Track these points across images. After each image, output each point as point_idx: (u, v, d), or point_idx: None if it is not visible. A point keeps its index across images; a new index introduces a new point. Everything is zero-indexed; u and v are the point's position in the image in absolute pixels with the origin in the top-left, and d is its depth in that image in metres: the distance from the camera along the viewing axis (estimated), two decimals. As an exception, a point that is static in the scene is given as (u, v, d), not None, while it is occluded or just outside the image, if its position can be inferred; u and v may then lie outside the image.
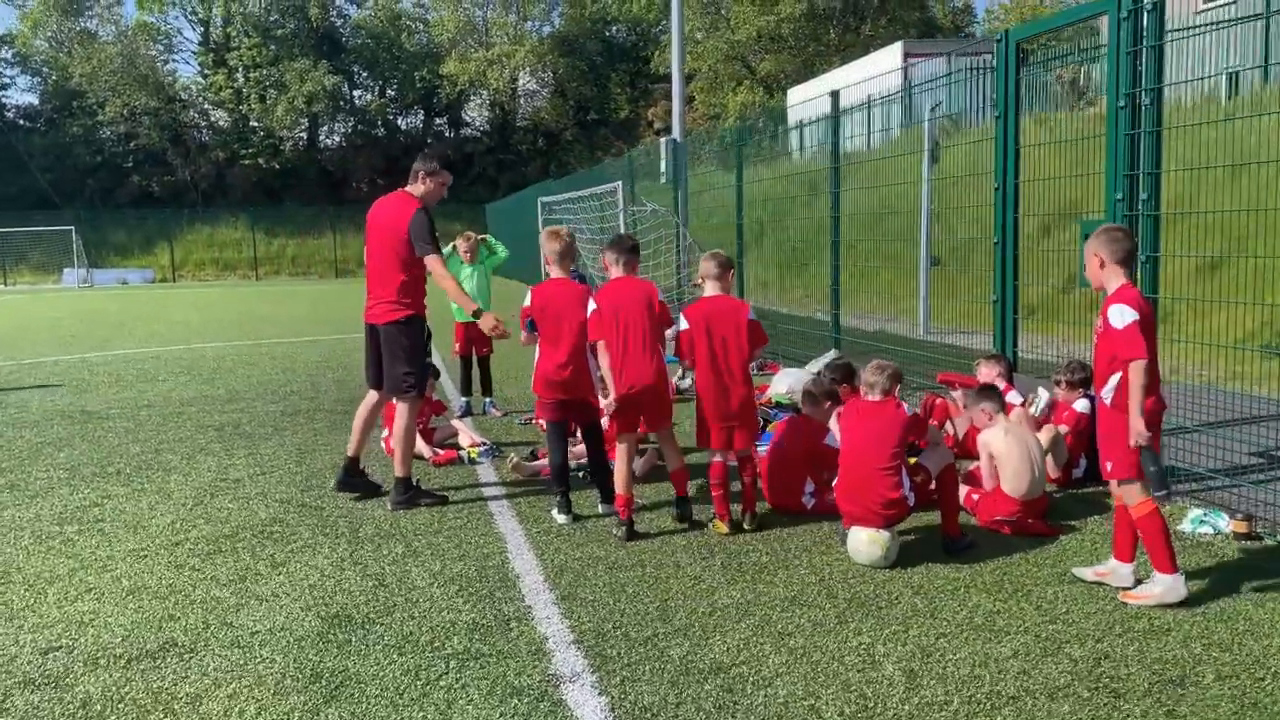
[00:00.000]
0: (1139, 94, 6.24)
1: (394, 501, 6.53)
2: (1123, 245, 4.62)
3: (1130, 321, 4.40)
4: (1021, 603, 4.71)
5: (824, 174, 19.51)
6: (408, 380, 6.49)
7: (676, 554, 5.52)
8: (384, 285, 6.45)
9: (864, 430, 5.26)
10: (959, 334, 13.06)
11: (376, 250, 6.48)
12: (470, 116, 59.42)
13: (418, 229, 6.26)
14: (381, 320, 6.48)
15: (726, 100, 43.83)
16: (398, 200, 6.46)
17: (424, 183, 6.48)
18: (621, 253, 6.02)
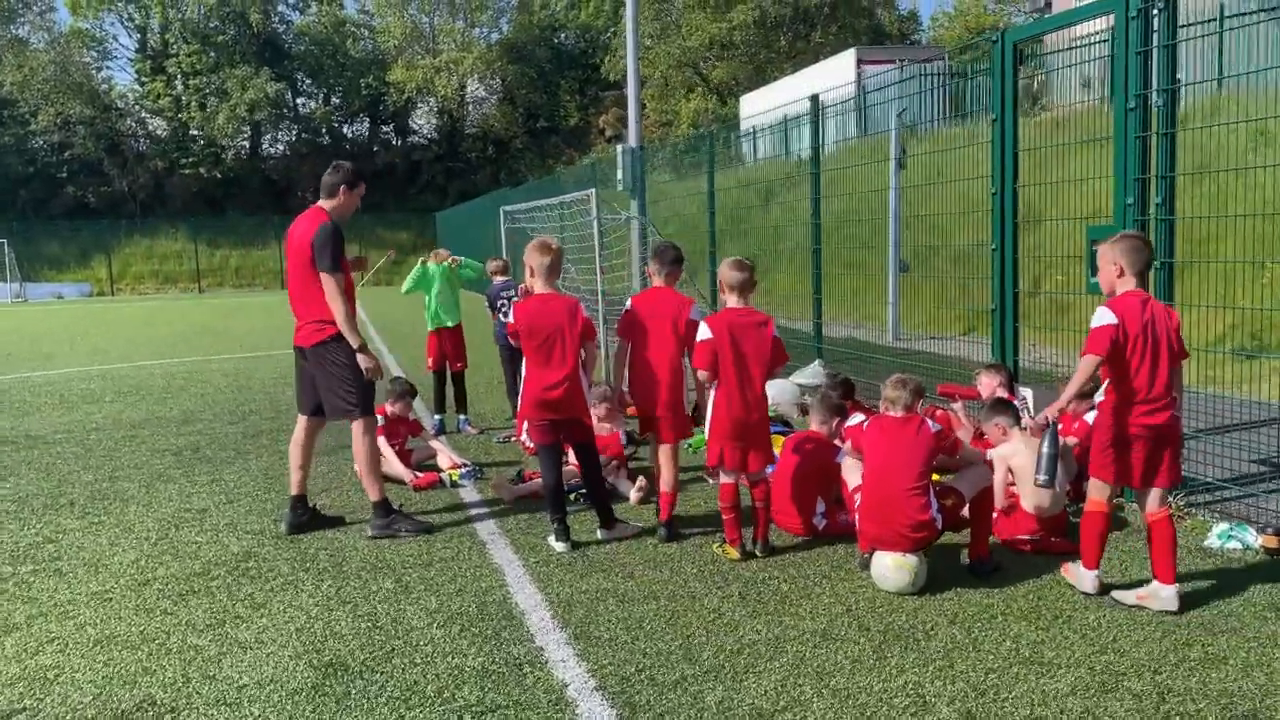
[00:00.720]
0: (1150, 95, 6.05)
1: (374, 528, 6.13)
2: (1144, 255, 4.68)
3: (1104, 323, 4.55)
4: (1065, 630, 4.45)
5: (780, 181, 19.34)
6: (349, 399, 6.07)
7: (690, 583, 5.19)
8: (306, 305, 6.06)
9: (888, 449, 4.97)
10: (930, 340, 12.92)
11: (293, 270, 6.07)
12: (418, 124, 58.66)
13: (320, 242, 5.87)
14: (308, 342, 6.09)
15: (679, 107, 43.68)
16: (308, 216, 6.07)
17: (338, 196, 6.11)
18: (664, 264, 6.11)
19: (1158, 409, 4.58)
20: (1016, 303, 7.44)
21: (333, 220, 6.02)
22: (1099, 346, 4.53)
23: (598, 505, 5.98)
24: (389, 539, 6.06)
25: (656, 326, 5.93)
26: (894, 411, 5.09)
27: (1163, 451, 4.62)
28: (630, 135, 29.47)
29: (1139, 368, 4.56)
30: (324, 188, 6.15)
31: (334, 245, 5.90)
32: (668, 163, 25.85)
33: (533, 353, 5.78)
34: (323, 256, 5.87)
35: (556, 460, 5.88)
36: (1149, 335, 4.56)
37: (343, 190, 6.14)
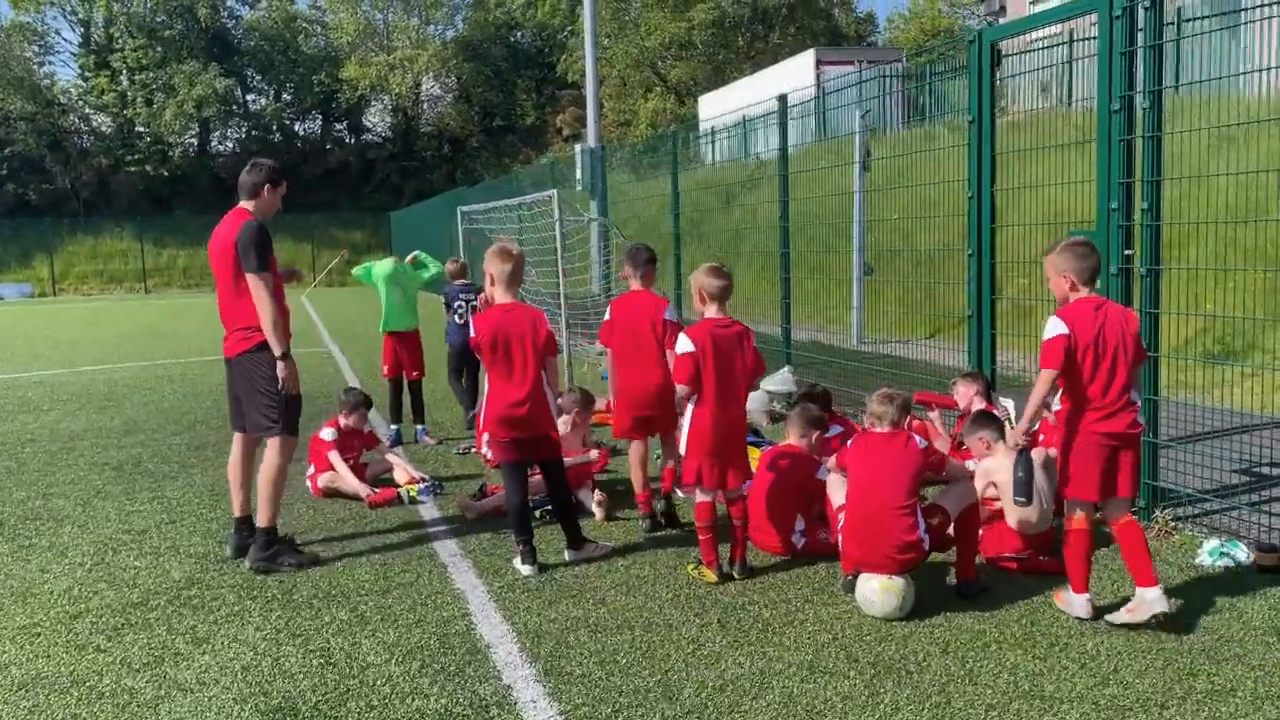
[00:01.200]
0: (1134, 97, 5.86)
1: (254, 559, 5.65)
2: (1090, 262, 4.60)
3: (1055, 334, 4.49)
4: (1063, 660, 4.22)
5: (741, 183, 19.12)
6: (270, 415, 5.61)
7: (664, 610, 4.90)
8: (233, 312, 5.63)
9: (873, 467, 4.72)
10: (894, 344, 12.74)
11: (219, 275, 5.63)
12: (371, 122, 57.79)
13: (244, 242, 5.44)
14: (233, 352, 5.68)
15: (637, 107, 43.37)
16: (230, 218, 5.65)
17: (260, 195, 5.69)
18: (639, 265, 6.31)
19: (1113, 414, 4.50)
20: (994, 309, 7.24)
21: (257, 219, 5.62)
22: (1053, 360, 4.48)
23: (566, 525, 5.66)
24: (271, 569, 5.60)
25: (639, 329, 6.10)
26: (880, 427, 4.83)
27: (1123, 459, 4.53)
28: (589, 135, 29.28)
29: (1092, 375, 4.49)
30: (244, 188, 5.70)
31: (259, 244, 5.46)
32: (626, 163, 25.60)
33: (494, 366, 5.45)
34: (248, 257, 5.43)
35: (522, 479, 5.57)
36: (1101, 341, 4.48)
37: (266, 190, 5.69)
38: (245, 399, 5.67)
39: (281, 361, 5.53)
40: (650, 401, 6.10)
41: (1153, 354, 5.95)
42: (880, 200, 13.26)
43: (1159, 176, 5.81)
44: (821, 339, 13.93)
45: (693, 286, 5.26)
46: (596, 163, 24.97)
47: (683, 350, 5.12)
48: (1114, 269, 5.96)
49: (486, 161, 51.42)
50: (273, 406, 5.60)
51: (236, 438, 5.85)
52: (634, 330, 6.12)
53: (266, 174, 5.69)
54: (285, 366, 5.54)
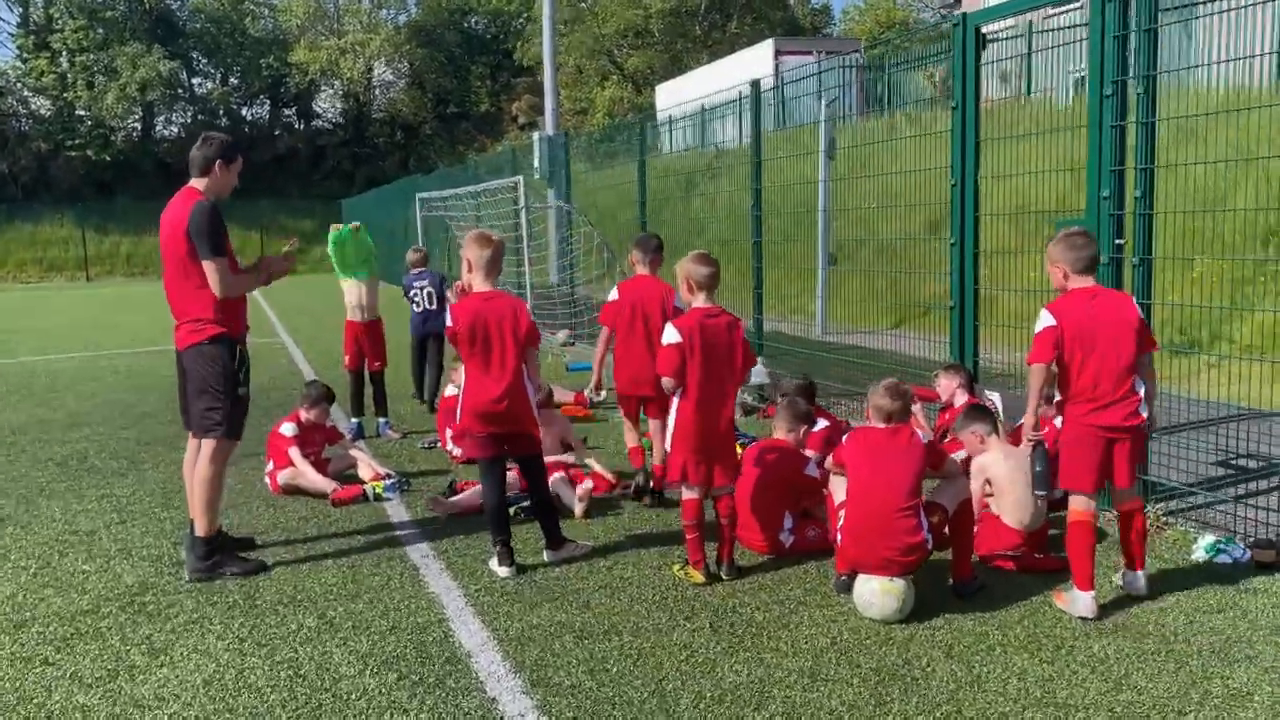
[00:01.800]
0: (1125, 82, 5.72)
1: (192, 569, 5.26)
2: (1085, 253, 4.57)
3: (1043, 327, 4.50)
4: (1071, 663, 4.06)
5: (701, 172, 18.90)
6: (215, 414, 5.21)
7: (653, 613, 4.67)
8: (183, 302, 5.22)
9: (876, 465, 4.52)
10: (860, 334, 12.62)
11: (169, 262, 5.21)
12: (322, 108, 56.66)
13: (196, 225, 5.03)
14: (182, 344, 5.27)
15: (594, 95, 43.00)
16: (180, 198, 5.23)
17: (212, 173, 5.26)
18: (648, 252, 6.59)
19: (1107, 406, 4.46)
20: (977, 300, 7.09)
21: (209, 199, 5.22)
22: (1042, 354, 4.49)
23: (545, 524, 5.41)
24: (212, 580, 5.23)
25: (645, 311, 6.32)
26: (880, 422, 4.64)
27: (1119, 451, 4.50)
28: (547, 122, 28.83)
29: (1082, 367, 4.46)
30: (194, 164, 5.26)
31: (213, 227, 5.06)
32: (583, 152, 25.28)
33: (472, 358, 5.18)
34: (201, 242, 5.03)
35: (499, 477, 5.30)
36: (1091, 332, 4.44)
37: (218, 166, 5.26)
38: (192, 395, 5.29)
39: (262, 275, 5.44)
40: (649, 382, 6.04)
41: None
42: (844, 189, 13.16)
43: (1152, 164, 5.68)
44: (784, 329, 13.80)
45: (679, 275, 5.02)
46: (556, 150, 24.64)
47: (669, 341, 4.89)
48: (1105, 259, 5.81)
49: (440, 149, 50.70)
50: (218, 407, 5.21)
51: (191, 437, 5.49)
52: (644, 313, 6.33)
53: (218, 148, 5.29)
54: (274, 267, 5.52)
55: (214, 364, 5.18)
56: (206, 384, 5.19)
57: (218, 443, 5.25)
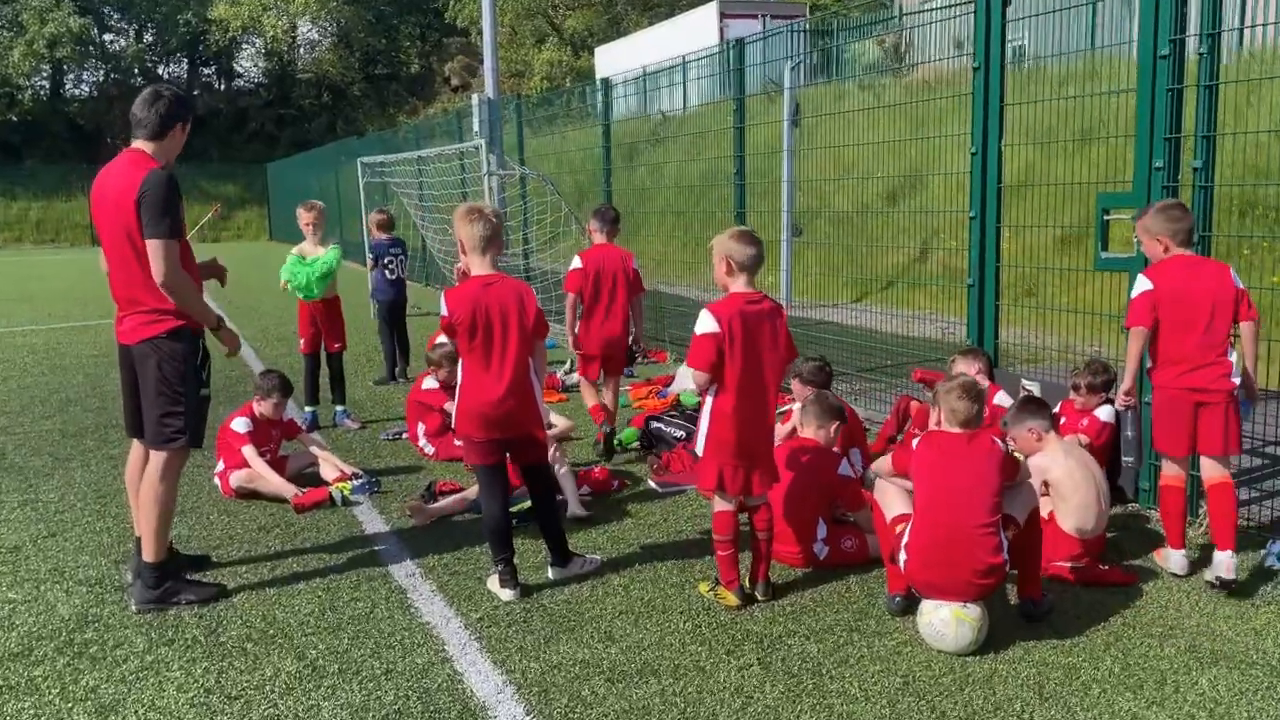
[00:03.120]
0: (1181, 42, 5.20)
1: (140, 600, 4.50)
2: (1185, 224, 4.63)
3: (1141, 291, 4.58)
4: (1183, 705, 3.55)
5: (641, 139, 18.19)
6: (171, 423, 4.42)
7: (688, 646, 4.06)
8: (130, 287, 4.38)
9: (952, 476, 3.95)
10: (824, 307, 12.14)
11: (110, 239, 4.37)
12: (243, 67, 54.24)
13: (153, 199, 4.19)
14: (132, 338, 4.43)
15: (531, 58, 41.70)
16: (126, 164, 4.35)
17: (169, 134, 4.41)
18: (606, 223, 7.08)
19: (1197, 369, 4.52)
20: (998, 277, 6.56)
21: (165, 168, 4.36)
22: (1142, 317, 4.55)
23: (551, 538, 4.76)
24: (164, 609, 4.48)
25: (609, 277, 6.84)
26: (953, 426, 4.06)
27: (1207, 415, 4.51)
28: (487, 85, 27.74)
29: (1175, 331, 4.54)
30: (144, 125, 4.36)
31: (171, 202, 4.22)
32: (512, 117, 24.30)
33: (471, 352, 4.47)
34: (154, 218, 4.19)
35: (502, 487, 4.62)
36: (1188, 298, 4.51)
37: (178, 128, 4.43)
38: (146, 401, 4.45)
39: (218, 332, 4.58)
40: (609, 345, 6.86)
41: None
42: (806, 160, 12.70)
43: (1213, 131, 5.17)
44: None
45: (716, 254, 4.36)
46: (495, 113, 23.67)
47: (705, 330, 4.24)
48: (1157, 235, 5.31)
49: (369, 111, 48.96)
50: (177, 411, 4.41)
51: (135, 445, 4.69)
52: (608, 278, 6.84)
53: (175, 106, 4.40)
54: (225, 336, 4.63)
55: (173, 361, 4.38)
56: (164, 385, 4.39)
57: (174, 456, 4.48)
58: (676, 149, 17.73)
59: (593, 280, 6.76)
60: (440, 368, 6.97)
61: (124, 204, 4.26)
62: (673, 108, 22.24)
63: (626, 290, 6.83)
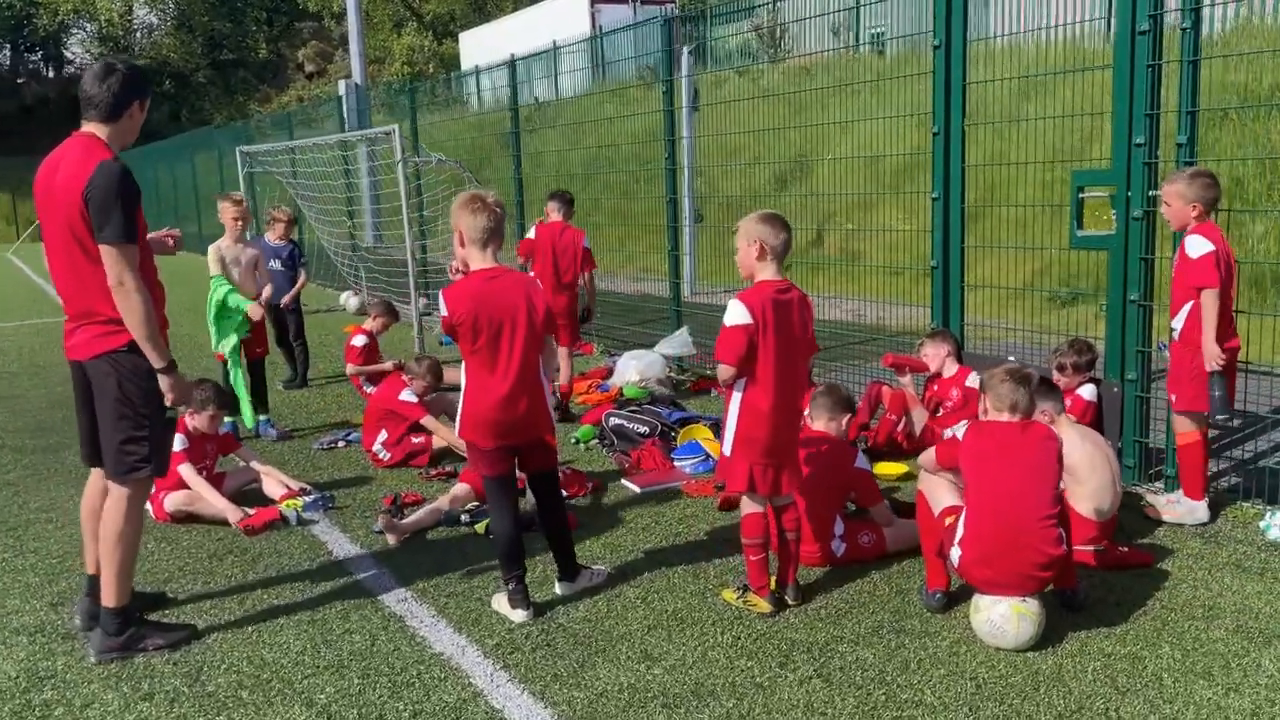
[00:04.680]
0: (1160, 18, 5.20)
1: (101, 648, 3.95)
2: (1217, 194, 4.80)
3: (1206, 252, 4.64)
4: (1259, 688, 3.48)
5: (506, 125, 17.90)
6: (135, 450, 3.86)
7: (736, 661, 3.78)
8: (84, 295, 3.82)
9: (1009, 467, 3.79)
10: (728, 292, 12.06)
11: (55, 238, 3.81)
12: (74, 53, 50.78)
13: (104, 194, 3.63)
14: (87, 353, 3.86)
15: (390, 43, 40.36)
16: (75, 150, 3.78)
17: (125, 115, 3.84)
18: (563, 204, 7.59)
19: (1232, 333, 4.81)
20: (963, 259, 6.50)
21: (119, 160, 3.79)
22: (1214, 278, 4.62)
23: (559, 551, 4.40)
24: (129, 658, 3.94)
25: (563, 251, 7.38)
26: (1004, 416, 3.90)
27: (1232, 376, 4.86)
28: (354, 70, 26.66)
29: (1225, 291, 4.69)
30: (95, 102, 3.79)
31: (125, 199, 3.67)
32: (382, 104, 23.49)
33: (475, 354, 4.07)
34: (106, 217, 3.64)
35: (512, 498, 4.23)
36: (1229, 259, 4.73)
37: (136, 106, 3.87)
38: (103, 424, 3.88)
39: (165, 376, 3.82)
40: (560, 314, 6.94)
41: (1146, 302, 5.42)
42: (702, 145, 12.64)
43: (1196, 106, 5.19)
44: (651, 291, 13.10)
45: (743, 238, 4.07)
46: (363, 100, 22.71)
47: (736, 321, 3.95)
48: (1137, 212, 5.32)
49: (216, 99, 46.59)
50: (141, 437, 3.85)
51: (94, 473, 4.10)
52: (560, 252, 7.38)
53: (131, 81, 3.83)
54: (171, 382, 3.83)
55: (135, 378, 3.80)
56: (125, 406, 3.81)
57: (137, 485, 3.91)
58: (556, 136, 17.35)
59: (547, 254, 7.35)
60: (420, 379, 6.51)
61: (72, 198, 3.68)
62: (561, 93, 21.81)
63: (578, 265, 7.42)
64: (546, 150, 18.11)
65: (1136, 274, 5.38)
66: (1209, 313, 4.62)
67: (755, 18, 20.69)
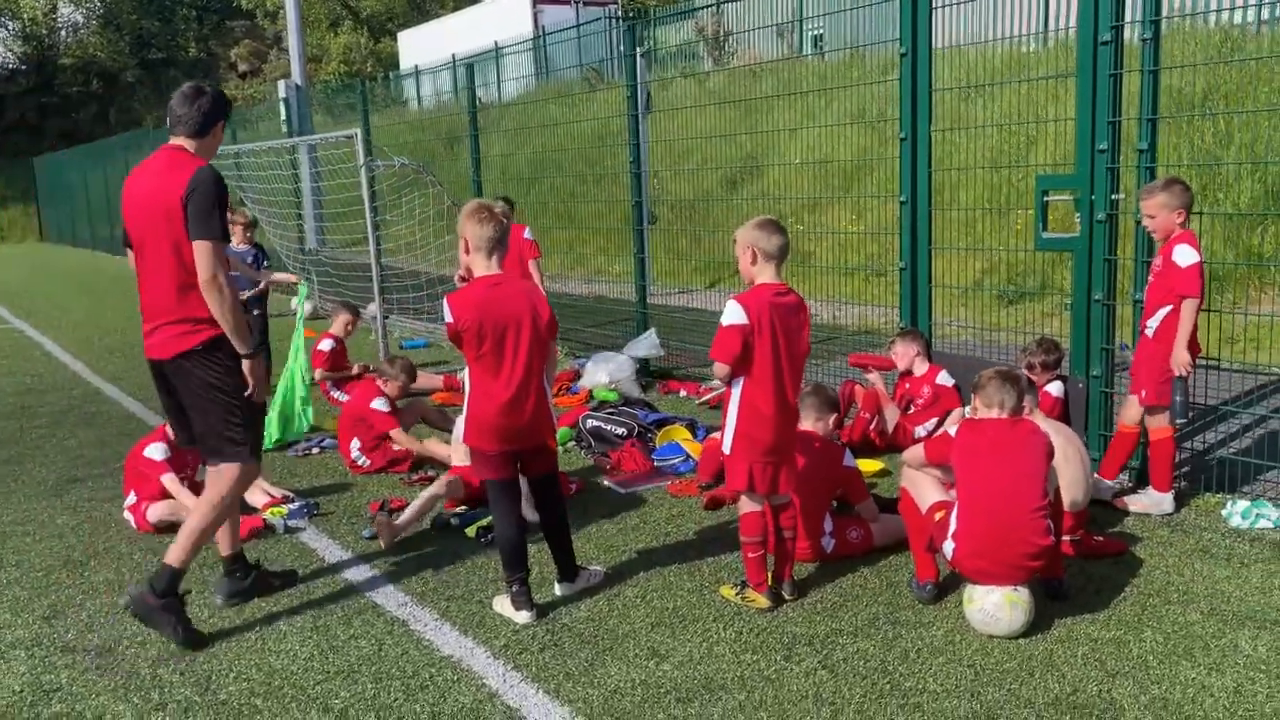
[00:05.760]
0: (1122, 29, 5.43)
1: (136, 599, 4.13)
2: (1191, 193, 5.04)
3: (1195, 262, 4.83)
4: (1237, 668, 3.69)
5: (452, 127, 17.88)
6: (235, 435, 4.18)
7: (743, 656, 3.89)
8: (162, 296, 4.10)
9: (999, 462, 3.95)
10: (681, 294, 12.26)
11: (150, 243, 4.08)
12: (-5, 51, 49.24)
13: (204, 200, 3.96)
14: (168, 352, 4.12)
15: (326, 42, 39.83)
16: (167, 162, 4.09)
17: (211, 132, 4.23)
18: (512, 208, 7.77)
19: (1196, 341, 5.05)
20: (930, 260, 6.69)
21: (211, 166, 4.12)
22: (1198, 289, 4.83)
23: (559, 553, 4.47)
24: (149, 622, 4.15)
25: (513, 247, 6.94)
26: (993, 413, 4.07)
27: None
28: (294, 71, 26.37)
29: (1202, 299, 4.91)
30: (184, 120, 4.14)
31: (220, 202, 4.01)
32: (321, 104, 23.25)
33: (480, 360, 4.12)
34: (204, 216, 3.94)
35: (515, 501, 4.29)
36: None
37: (220, 125, 4.29)
38: (196, 415, 4.19)
39: (249, 361, 4.17)
40: None
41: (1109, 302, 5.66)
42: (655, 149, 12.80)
43: (1156, 114, 5.43)
44: (605, 292, 13.21)
45: (740, 245, 4.19)
46: (303, 102, 22.45)
47: (732, 322, 4.07)
48: (1100, 216, 5.54)
49: (146, 99, 45.45)
50: (236, 424, 4.18)
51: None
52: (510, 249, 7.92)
53: (218, 104, 4.21)
54: (251, 367, 4.18)
55: (216, 370, 4.12)
56: (214, 397, 4.13)
57: (241, 469, 4.24)
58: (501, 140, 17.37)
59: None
60: (394, 380, 6.52)
61: (171, 205, 3.96)
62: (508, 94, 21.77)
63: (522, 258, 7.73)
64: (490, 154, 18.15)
65: (1100, 274, 5.61)
66: (1187, 321, 4.83)
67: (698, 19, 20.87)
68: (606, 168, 13.59)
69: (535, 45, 22.99)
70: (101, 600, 4.62)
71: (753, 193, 14.30)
